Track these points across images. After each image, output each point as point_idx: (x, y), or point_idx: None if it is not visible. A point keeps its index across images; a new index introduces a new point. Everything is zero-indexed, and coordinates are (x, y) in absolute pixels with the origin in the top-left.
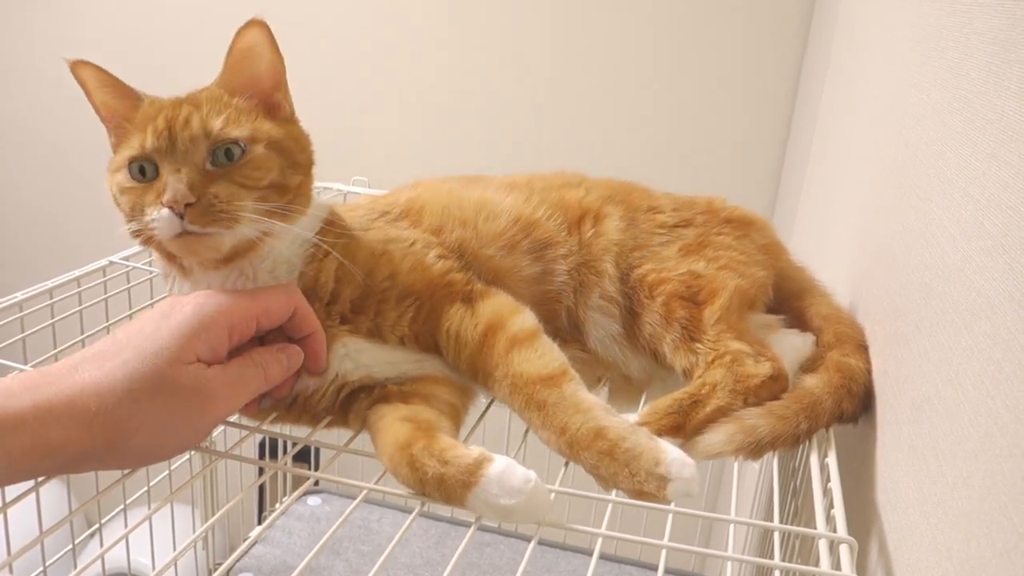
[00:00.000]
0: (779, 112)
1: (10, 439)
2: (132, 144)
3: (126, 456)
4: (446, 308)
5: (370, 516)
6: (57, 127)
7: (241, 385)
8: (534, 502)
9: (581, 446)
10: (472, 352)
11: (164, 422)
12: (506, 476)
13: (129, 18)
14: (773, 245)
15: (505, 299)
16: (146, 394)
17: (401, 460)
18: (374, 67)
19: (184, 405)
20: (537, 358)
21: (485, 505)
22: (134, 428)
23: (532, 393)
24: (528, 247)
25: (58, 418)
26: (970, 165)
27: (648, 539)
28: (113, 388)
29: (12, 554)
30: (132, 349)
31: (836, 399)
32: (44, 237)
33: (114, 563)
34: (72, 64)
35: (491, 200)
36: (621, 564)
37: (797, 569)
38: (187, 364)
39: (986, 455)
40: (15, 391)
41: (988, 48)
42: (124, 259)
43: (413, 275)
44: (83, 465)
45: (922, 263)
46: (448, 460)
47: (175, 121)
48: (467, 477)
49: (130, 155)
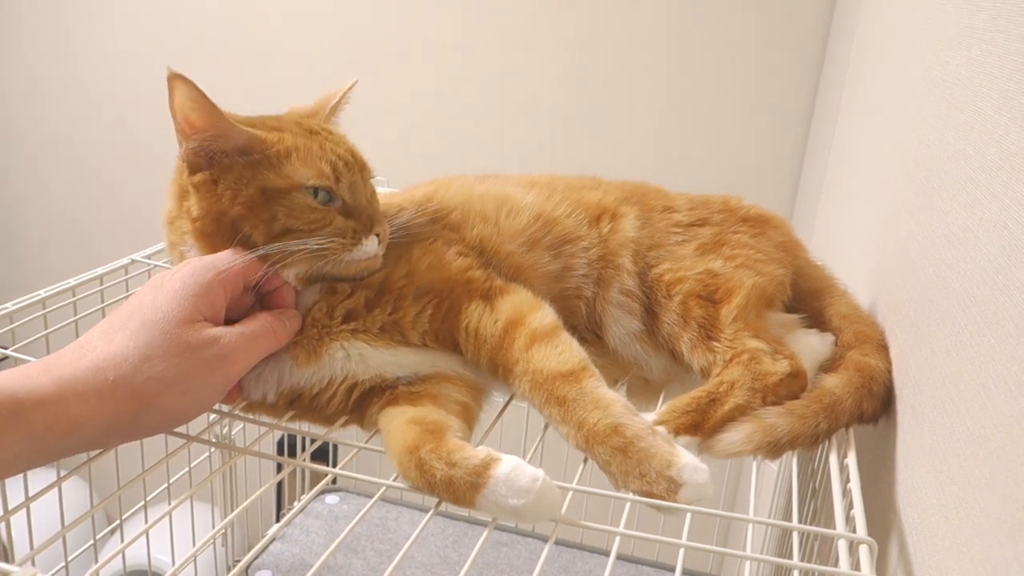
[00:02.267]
0: (799, 112)
1: (32, 417)
2: (306, 173)
3: (151, 422)
4: (465, 305)
5: (388, 515)
6: (80, 128)
7: (253, 341)
8: (543, 501)
9: (596, 440)
10: (492, 348)
11: (183, 381)
12: (513, 476)
13: (167, 20)
14: (790, 243)
15: (524, 295)
16: (160, 357)
17: (410, 464)
18: (392, 68)
19: (199, 363)
20: (557, 354)
21: (494, 506)
22: (156, 391)
23: (552, 389)
24: (549, 243)
25: (79, 394)
26: (994, 164)
27: (666, 538)
28: (127, 357)
29: (34, 548)
30: (137, 320)
31: (856, 399)
32: (67, 236)
33: (134, 559)
34: (170, 76)
35: (512, 196)
36: (638, 565)
37: (816, 569)
38: (194, 323)
39: (1008, 456)
40: (31, 374)
41: (1012, 46)
42: (146, 257)
43: (431, 273)
44: (109, 439)
45: (943, 262)
46: (455, 462)
47: (342, 158)
48: (475, 479)
49: (315, 183)
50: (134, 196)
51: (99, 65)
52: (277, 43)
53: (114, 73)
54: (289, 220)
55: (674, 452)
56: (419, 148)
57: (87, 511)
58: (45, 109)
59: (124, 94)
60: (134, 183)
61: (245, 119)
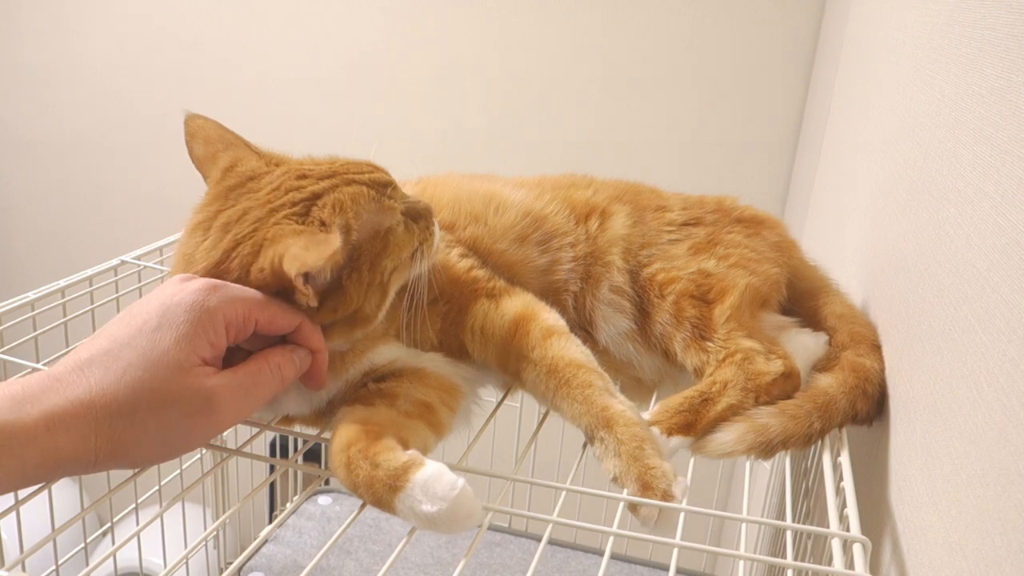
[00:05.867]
0: (790, 112)
1: (24, 451)
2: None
3: (132, 461)
4: (471, 306)
5: (380, 516)
6: (67, 129)
7: (253, 390)
8: (458, 510)
9: (620, 424)
10: (503, 339)
11: (163, 433)
12: (431, 482)
13: (159, 21)
14: (785, 243)
15: (531, 297)
16: (148, 404)
17: (340, 462)
18: (381, 67)
19: (187, 416)
20: (579, 349)
21: (410, 511)
22: (134, 440)
23: (576, 373)
24: (538, 239)
25: (67, 428)
26: (984, 162)
27: (660, 538)
28: (117, 395)
29: (24, 552)
30: (136, 352)
31: (850, 399)
32: (56, 237)
33: (126, 562)
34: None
35: (500, 193)
36: (632, 564)
37: (810, 568)
38: (192, 369)
39: (1001, 453)
40: (21, 399)
41: (1002, 43)
42: (136, 258)
43: (439, 276)
44: (93, 469)
45: (935, 261)
46: (379, 463)
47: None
48: (393, 481)
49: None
50: (124, 197)
51: (89, 65)
52: (276, 43)
53: (104, 73)
54: (395, 261)
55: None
56: (418, 148)
57: (78, 513)
58: (35, 109)
59: (115, 94)
60: (124, 184)
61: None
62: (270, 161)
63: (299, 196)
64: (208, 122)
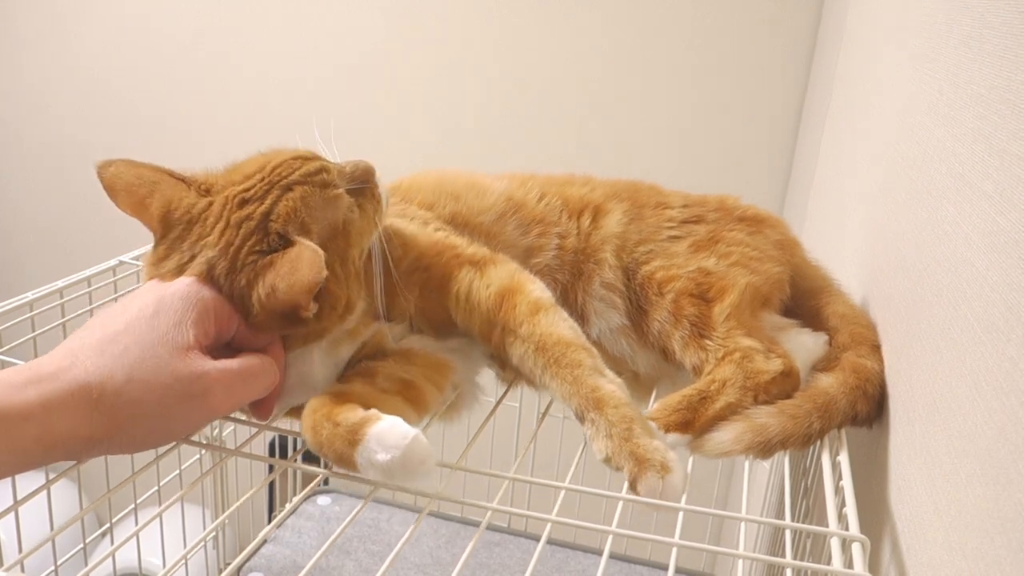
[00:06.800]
0: (788, 111)
1: (19, 431)
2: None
3: (129, 443)
4: (455, 272)
5: (380, 515)
6: (66, 129)
7: (245, 381)
8: (411, 456)
9: (610, 404)
10: (488, 311)
11: (160, 413)
12: (385, 433)
13: (156, 23)
14: (788, 241)
15: (516, 266)
16: (144, 384)
17: (307, 425)
18: (376, 66)
19: (180, 397)
20: (567, 325)
21: (368, 462)
22: (131, 417)
23: (565, 352)
24: (518, 221)
25: (63, 408)
26: (983, 161)
27: (659, 537)
28: (114, 375)
29: (23, 552)
30: (132, 336)
31: (851, 400)
32: (54, 237)
33: (125, 562)
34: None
35: (482, 181)
36: (631, 563)
37: (809, 567)
38: (189, 351)
39: (1001, 452)
40: (17, 383)
41: (1000, 42)
42: (134, 259)
43: (414, 248)
44: (89, 452)
45: (934, 260)
46: (339, 422)
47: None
48: (352, 435)
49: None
50: None
51: (88, 65)
52: (276, 43)
53: (103, 73)
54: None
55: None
56: (419, 148)
57: (77, 514)
58: (34, 110)
59: (114, 94)
60: None
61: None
62: (199, 189)
63: (252, 224)
64: (121, 165)
